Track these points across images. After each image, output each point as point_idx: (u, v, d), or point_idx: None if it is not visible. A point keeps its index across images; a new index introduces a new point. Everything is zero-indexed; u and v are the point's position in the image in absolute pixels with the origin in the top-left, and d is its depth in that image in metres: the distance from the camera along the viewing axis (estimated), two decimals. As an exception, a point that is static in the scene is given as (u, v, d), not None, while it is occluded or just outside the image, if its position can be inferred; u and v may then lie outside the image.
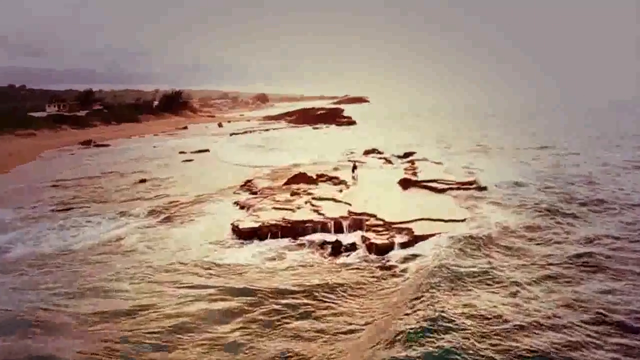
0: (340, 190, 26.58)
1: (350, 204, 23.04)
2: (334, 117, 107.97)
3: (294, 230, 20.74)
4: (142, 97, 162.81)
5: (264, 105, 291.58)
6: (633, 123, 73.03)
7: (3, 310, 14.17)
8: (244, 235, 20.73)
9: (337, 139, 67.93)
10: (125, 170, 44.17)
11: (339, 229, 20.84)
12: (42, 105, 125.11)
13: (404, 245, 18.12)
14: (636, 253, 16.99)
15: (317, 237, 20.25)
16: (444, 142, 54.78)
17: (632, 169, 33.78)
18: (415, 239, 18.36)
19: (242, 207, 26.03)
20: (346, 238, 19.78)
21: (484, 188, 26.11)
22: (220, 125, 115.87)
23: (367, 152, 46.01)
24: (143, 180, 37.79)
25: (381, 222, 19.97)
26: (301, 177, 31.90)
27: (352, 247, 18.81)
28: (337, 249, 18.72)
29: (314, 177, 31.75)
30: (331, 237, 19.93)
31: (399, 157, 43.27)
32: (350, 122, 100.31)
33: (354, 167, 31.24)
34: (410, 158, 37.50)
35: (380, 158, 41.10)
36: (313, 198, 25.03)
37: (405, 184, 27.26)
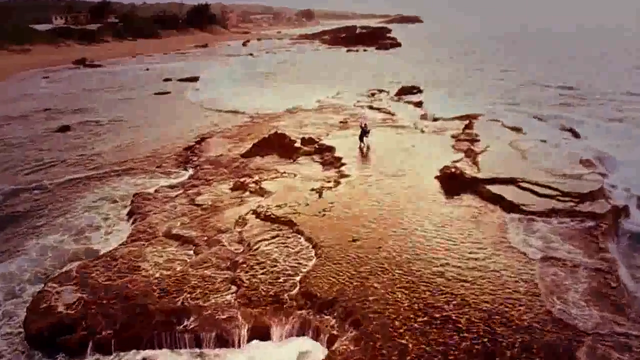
0: (320, 192, 13.41)
1: (318, 250, 10.03)
2: (376, 38, 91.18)
3: (152, 337, 8.23)
4: (167, 10, 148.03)
5: (308, 23, 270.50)
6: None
7: None
8: (38, 339, 8.43)
9: (369, 66, 52.92)
10: (66, 107, 32.50)
11: (264, 333, 8.23)
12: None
13: None
14: None
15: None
16: (513, 80, 38.84)
17: None
18: None
19: (130, 214, 13.66)
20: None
21: (626, 213, 11.91)
22: (245, 44, 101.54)
23: (401, 92, 31.95)
24: (64, 128, 25.95)
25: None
26: (276, 143, 19.26)
27: None
28: None
29: (298, 143, 18.83)
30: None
31: (446, 97, 29.31)
32: (394, 45, 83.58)
33: (364, 132, 17.88)
34: (467, 112, 22.79)
35: (418, 104, 27.01)
36: (255, 211, 12.18)
37: (450, 183, 13.60)
